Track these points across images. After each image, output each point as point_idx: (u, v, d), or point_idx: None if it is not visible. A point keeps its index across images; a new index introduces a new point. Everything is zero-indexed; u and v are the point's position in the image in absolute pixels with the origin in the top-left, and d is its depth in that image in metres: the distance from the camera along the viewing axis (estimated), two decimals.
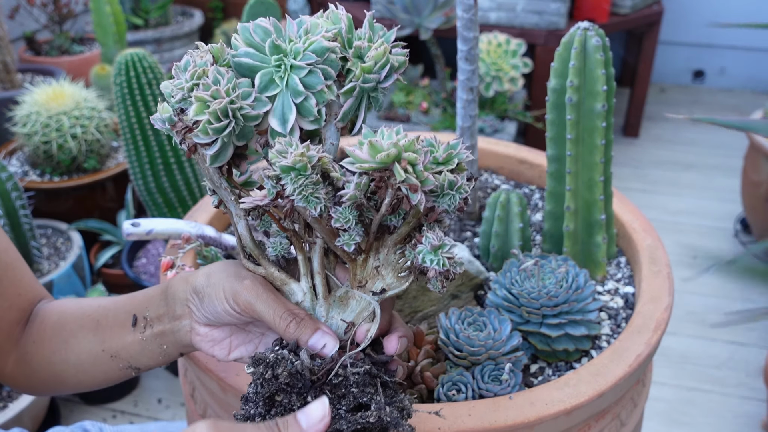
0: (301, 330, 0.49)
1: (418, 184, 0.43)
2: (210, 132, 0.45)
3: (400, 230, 0.48)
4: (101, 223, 1.76)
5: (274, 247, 0.51)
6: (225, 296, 0.50)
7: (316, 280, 0.51)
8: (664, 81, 3.51)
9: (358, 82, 0.47)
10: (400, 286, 0.49)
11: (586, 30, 0.75)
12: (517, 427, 0.59)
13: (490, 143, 1.05)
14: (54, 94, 1.69)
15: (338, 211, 0.45)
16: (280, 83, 0.46)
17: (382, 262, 0.49)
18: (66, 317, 0.64)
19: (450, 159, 0.46)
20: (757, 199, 1.99)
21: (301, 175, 0.44)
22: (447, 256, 0.46)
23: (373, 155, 0.43)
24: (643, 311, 0.71)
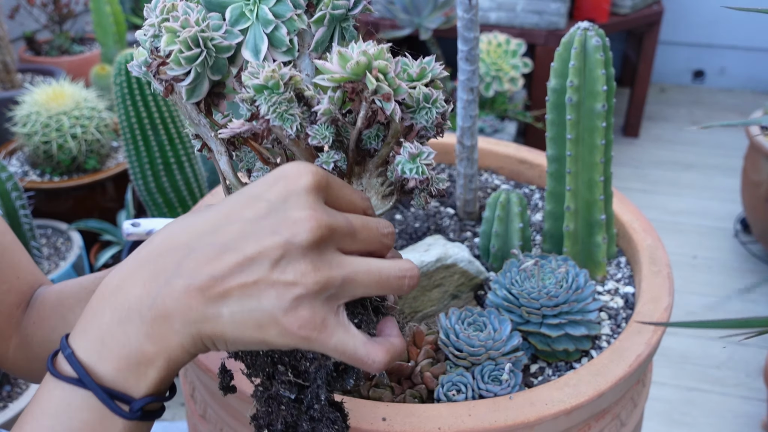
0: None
1: (391, 92, 0.44)
2: (182, 62, 0.45)
3: (380, 152, 0.48)
4: (101, 223, 1.76)
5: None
6: None
7: None
8: (664, 81, 3.51)
9: (327, 9, 0.47)
10: (384, 207, 0.50)
11: (586, 30, 0.75)
12: (517, 427, 0.59)
13: (490, 143, 1.05)
14: (54, 94, 1.69)
15: (314, 128, 0.45)
16: (251, 16, 0.47)
17: (365, 186, 0.50)
18: (65, 294, 0.64)
19: (424, 74, 0.46)
20: (757, 199, 1.99)
21: (274, 93, 0.44)
22: (425, 163, 0.46)
23: (343, 65, 0.43)
24: (643, 311, 0.71)
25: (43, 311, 0.64)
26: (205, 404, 0.72)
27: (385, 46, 0.44)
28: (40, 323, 0.63)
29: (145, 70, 0.48)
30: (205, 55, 0.46)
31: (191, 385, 0.76)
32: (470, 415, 0.59)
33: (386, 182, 0.49)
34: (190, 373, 0.75)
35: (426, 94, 0.45)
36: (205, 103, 0.50)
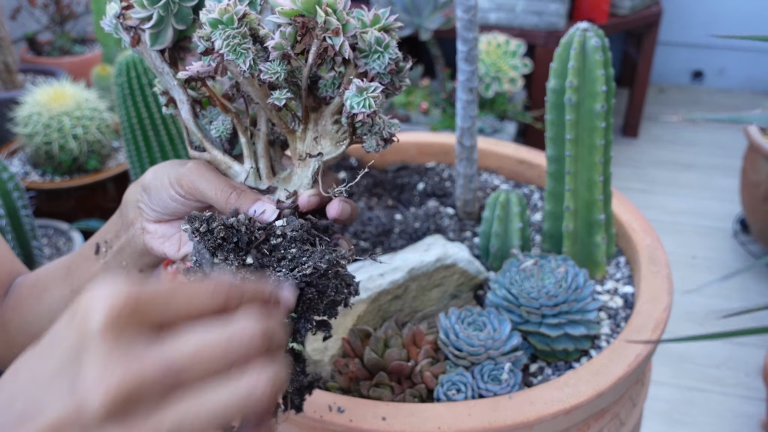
0: (241, 200, 0.49)
1: (339, 26, 0.44)
2: (146, 3, 0.46)
3: (335, 99, 0.49)
4: (102, 223, 1.76)
5: (217, 128, 0.52)
6: (170, 182, 0.51)
7: (260, 163, 0.52)
8: (664, 81, 3.51)
9: None
10: (336, 151, 0.50)
11: (586, 31, 0.75)
12: (516, 426, 0.59)
13: (489, 143, 1.06)
14: (55, 94, 1.70)
15: (267, 64, 0.46)
16: None
17: (321, 132, 0.50)
18: (41, 275, 0.64)
19: (377, 20, 0.46)
20: (756, 200, 2.00)
21: (228, 27, 0.45)
22: (372, 96, 0.46)
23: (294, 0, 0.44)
24: (642, 311, 0.72)
25: (20, 295, 0.64)
26: None
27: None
28: (17, 308, 0.64)
29: (114, 22, 0.49)
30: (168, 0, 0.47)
31: None
32: (470, 415, 0.59)
33: (341, 129, 0.50)
34: None
35: (378, 37, 0.46)
36: (169, 54, 0.51)
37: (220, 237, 0.46)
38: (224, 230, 0.46)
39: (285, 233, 0.47)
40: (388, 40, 0.46)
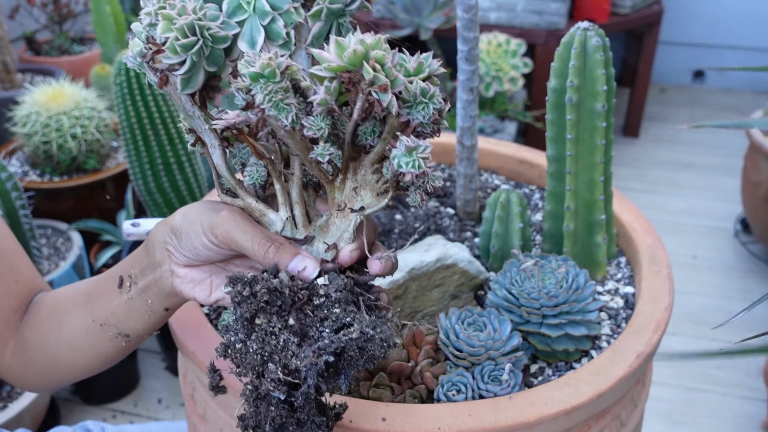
0: (280, 254, 0.47)
1: (388, 82, 0.43)
2: (178, 50, 0.45)
3: (376, 148, 0.47)
4: (101, 223, 1.76)
5: (251, 175, 0.51)
6: (203, 229, 0.50)
7: (296, 210, 0.50)
8: (664, 81, 3.51)
9: (324, 3, 0.47)
10: (379, 203, 0.49)
11: (586, 30, 0.75)
12: (517, 427, 0.59)
13: (490, 143, 1.05)
14: (54, 94, 1.69)
15: (310, 119, 0.45)
16: (248, 8, 0.46)
17: (360, 182, 0.49)
18: (61, 298, 0.64)
19: (421, 69, 0.45)
20: (757, 200, 1.99)
21: (270, 81, 0.43)
22: (422, 157, 0.45)
23: (340, 54, 0.43)
24: (643, 311, 0.71)
25: (40, 315, 0.63)
26: (205, 404, 0.72)
27: (382, 36, 0.44)
28: (36, 327, 0.63)
29: (140, 60, 0.48)
30: (201, 44, 0.45)
31: (191, 386, 0.76)
32: (470, 416, 0.59)
33: (381, 179, 0.49)
34: (190, 373, 0.74)
35: (423, 88, 0.45)
36: (199, 96, 0.50)
37: (263, 300, 0.45)
38: (268, 293, 0.45)
39: (329, 293, 0.46)
40: (433, 91, 0.45)
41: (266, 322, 0.45)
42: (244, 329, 0.45)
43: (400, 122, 0.45)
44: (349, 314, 0.45)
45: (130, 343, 0.59)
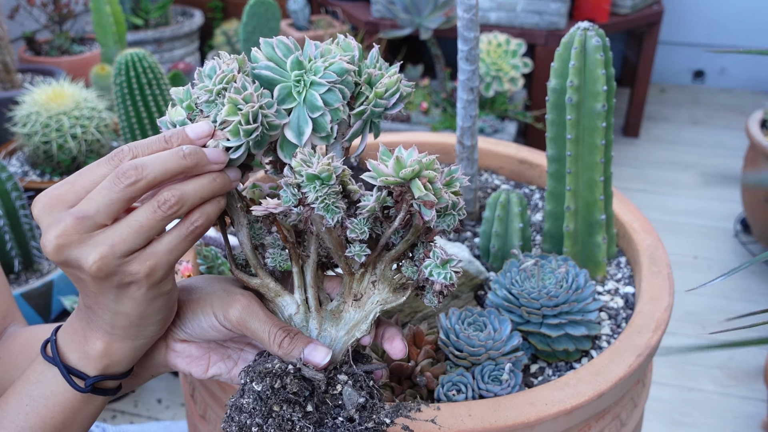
0: (294, 344, 0.49)
1: (435, 200, 0.45)
2: (241, 134, 0.46)
3: (398, 247, 0.50)
4: None
5: (274, 258, 0.52)
6: (214, 312, 0.49)
7: (309, 293, 0.52)
8: (664, 81, 3.51)
9: (369, 105, 0.49)
10: (396, 300, 0.51)
11: (586, 30, 0.75)
12: (517, 427, 0.59)
13: (490, 143, 1.05)
14: (54, 94, 1.69)
15: (354, 222, 0.47)
16: (298, 98, 0.48)
17: (379, 277, 0.51)
18: (38, 335, 0.63)
19: (452, 182, 0.48)
20: (757, 200, 1.99)
21: (325, 184, 0.45)
22: (454, 270, 0.48)
23: (397, 170, 0.45)
24: (643, 311, 0.71)
25: (12, 348, 0.63)
26: (205, 405, 0.72)
27: (435, 157, 0.46)
28: (6, 359, 0.62)
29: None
30: (260, 131, 0.47)
31: (191, 386, 0.76)
32: (470, 415, 0.59)
33: (399, 275, 0.51)
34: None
35: (455, 202, 0.47)
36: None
37: (292, 393, 0.47)
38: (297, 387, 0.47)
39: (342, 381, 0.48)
40: (462, 205, 0.48)
41: (285, 411, 0.47)
42: (262, 414, 0.47)
43: (424, 226, 0.48)
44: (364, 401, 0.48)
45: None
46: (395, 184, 0.46)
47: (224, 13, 3.18)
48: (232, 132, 0.46)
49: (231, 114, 0.46)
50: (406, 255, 0.50)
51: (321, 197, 0.45)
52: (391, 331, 0.52)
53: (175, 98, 0.50)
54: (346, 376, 0.49)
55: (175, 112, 0.49)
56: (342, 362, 0.51)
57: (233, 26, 2.82)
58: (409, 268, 0.50)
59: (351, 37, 0.51)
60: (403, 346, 0.51)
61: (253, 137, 0.46)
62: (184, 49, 2.84)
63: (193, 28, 2.85)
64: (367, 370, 0.50)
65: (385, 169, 0.45)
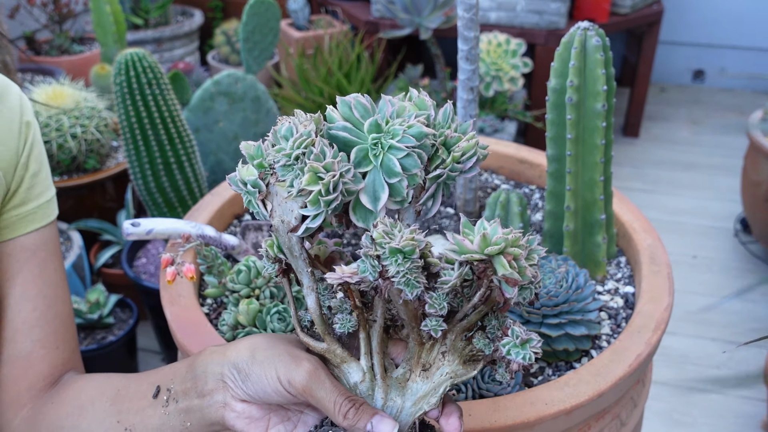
0: (359, 415, 0.47)
1: (520, 278, 0.44)
2: (321, 204, 0.45)
3: (470, 318, 0.48)
4: (101, 222, 1.76)
5: (343, 323, 0.50)
6: (279, 377, 0.48)
7: (375, 359, 0.50)
8: (664, 81, 3.51)
9: (446, 169, 0.48)
10: (467, 374, 0.49)
11: (586, 30, 0.75)
12: (517, 427, 0.59)
13: (490, 143, 1.05)
14: (54, 93, 1.69)
15: (433, 296, 0.45)
16: (375, 161, 0.47)
17: (449, 347, 0.49)
18: (89, 384, 0.62)
19: (531, 255, 0.46)
20: (757, 199, 1.99)
21: (408, 258, 0.43)
22: (534, 351, 0.46)
23: (482, 247, 0.43)
24: (643, 311, 0.71)
25: (65, 394, 0.62)
26: None
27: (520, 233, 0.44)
28: (57, 404, 0.62)
29: (252, 190, 0.48)
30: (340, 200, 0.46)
31: None
32: (470, 415, 0.59)
33: (469, 346, 0.49)
34: None
35: (534, 276, 0.46)
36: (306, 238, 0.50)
37: None
38: None
39: None
40: (540, 279, 0.46)
41: None
42: None
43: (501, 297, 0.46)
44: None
45: None
46: (478, 260, 0.44)
47: (224, 13, 3.18)
48: (312, 202, 0.45)
49: (311, 183, 0.45)
50: (477, 325, 0.49)
51: (403, 272, 0.43)
52: (450, 407, 0.50)
53: (245, 154, 0.48)
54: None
55: (247, 171, 0.48)
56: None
57: (233, 26, 2.82)
58: (481, 340, 0.48)
59: (425, 94, 0.49)
60: (459, 424, 0.49)
61: (332, 207, 0.45)
62: (184, 49, 2.84)
63: (193, 27, 2.85)
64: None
65: (469, 245, 0.44)
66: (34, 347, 0.64)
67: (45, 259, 0.66)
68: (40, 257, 0.66)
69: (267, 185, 0.48)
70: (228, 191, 0.95)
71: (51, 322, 0.65)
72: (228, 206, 0.93)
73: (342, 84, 2.21)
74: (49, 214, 0.68)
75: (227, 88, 1.68)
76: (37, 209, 0.67)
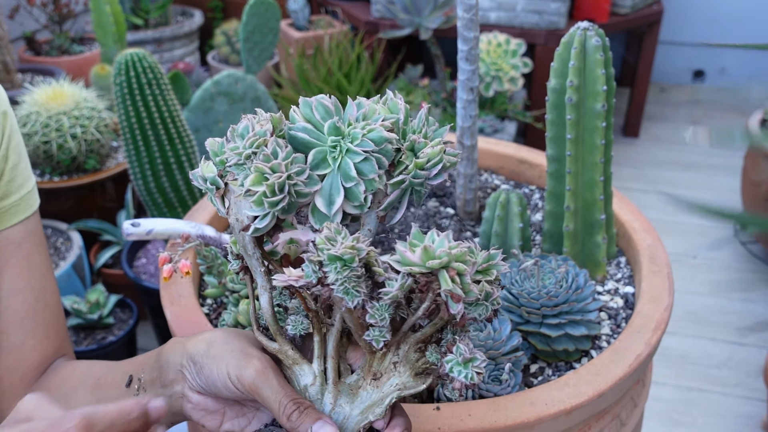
0: (302, 419, 0.47)
1: (463, 295, 0.43)
2: (265, 205, 0.45)
3: (425, 330, 0.47)
4: (101, 223, 1.76)
5: (295, 325, 0.50)
6: (228, 372, 0.49)
7: (328, 363, 0.50)
8: (664, 81, 3.51)
9: (408, 176, 0.47)
10: (416, 387, 0.48)
11: (586, 30, 0.75)
12: (517, 427, 0.59)
13: (490, 143, 1.05)
14: (54, 94, 1.69)
15: (375, 306, 0.45)
16: (333, 164, 0.46)
17: (401, 358, 0.48)
18: (74, 373, 0.63)
19: (489, 270, 0.45)
20: (757, 199, 1.99)
21: (347, 266, 0.43)
22: (477, 371, 0.45)
23: (424, 259, 0.42)
24: (643, 311, 0.71)
25: (50, 382, 0.63)
26: None
27: (466, 248, 0.43)
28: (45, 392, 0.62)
29: (211, 187, 0.48)
30: (287, 201, 0.45)
31: None
32: (470, 415, 0.59)
33: (423, 359, 0.48)
34: None
35: (488, 292, 0.45)
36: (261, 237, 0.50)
37: None
38: None
39: None
40: (496, 296, 0.45)
41: None
42: None
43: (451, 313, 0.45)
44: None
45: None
46: (421, 274, 0.43)
47: (224, 13, 3.18)
48: (257, 203, 0.45)
49: (256, 184, 0.44)
50: (434, 338, 0.48)
51: (341, 280, 0.43)
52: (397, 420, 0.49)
53: (209, 151, 0.48)
54: None
55: (207, 168, 0.48)
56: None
57: (233, 26, 2.82)
58: (434, 354, 0.47)
59: (400, 97, 0.48)
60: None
61: (278, 208, 0.45)
62: (184, 49, 2.84)
63: (193, 28, 2.85)
64: None
65: (411, 256, 0.43)
66: (26, 339, 0.65)
67: (31, 251, 0.66)
68: (26, 249, 0.65)
69: (226, 184, 0.48)
70: None
71: (41, 313, 0.65)
72: None
73: (342, 84, 2.21)
74: (32, 204, 0.67)
75: (227, 88, 1.68)
76: (20, 201, 0.66)
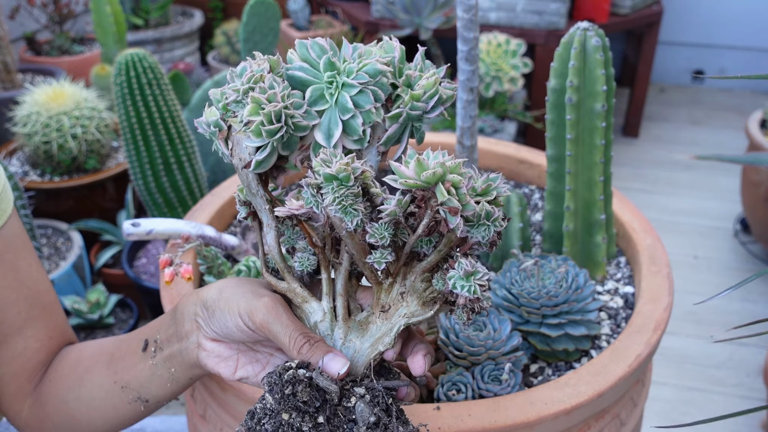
0: (312, 351, 0.48)
1: (459, 207, 0.43)
2: (263, 134, 0.45)
3: (430, 258, 0.47)
4: (101, 223, 1.76)
5: (301, 262, 0.50)
6: (239, 312, 0.49)
7: (338, 301, 0.50)
8: (664, 81, 3.51)
9: (405, 108, 0.47)
10: (424, 314, 0.48)
11: (586, 30, 0.75)
12: (517, 427, 0.59)
13: (490, 143, 1.05)
14: (54, 94, 1.69)
15: (374, 226, 0.45)
16: (330, 99, 0.47)
17: (408, 288, 0.49)
18: (84, 354, 0.63)
19: (488, 191, 0.45)
20: (756, 199, 1.99)
21: (343, 185, 0.43)
22: (479, 284, 0.45)
23: (418, 173, 0.43)
24: (642, 311, 0.71)
25: (61, 369, 0.63)
26: (205, 404, 0.72)
27: (461, 161, 0.44)
28: (56, 381, 0.62)
29: (214, 131, 0.48)
30: (285, 131, 0.45)
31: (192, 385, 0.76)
32: (470, 415, 0.59)
33: (430, 288, 0.48)
34: None
35: (488, 212, 0.45)
36: (264, 174, 0.50)
37: (302, 401, 0.45)
38: (308, 395, 0.45)
39: (360, 395, 0.46)
40: (497, 215, 0.45)
41: (295, 418, 0.45)
42: (272, 422, 0.45)
43: (458, 238, 0.45)
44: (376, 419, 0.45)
45: (148, 408, 0.59)
46: (417, 188, 0.43)
47: (224, 13, 3.18)
48: (254, 132, 0.45)
49: (253, 114, 0.45)
50: (439, 267, 0.48)
51: (338, 198, 0.43)
52: (419, 346, 0.50)
53: (212, 98, 0.49)
54: (365, 390, 0.47)
55: (210, 112, 0.48)
56: (364, 375, 0.48)
57: (233, 26, 2.82)
58: (440, 281, 0.47)
59: (395, 39, 0.49)
60: (424, 363, 0.49)
61: (277, 137, 0.45)
62: (184, 49, 2.84)
63: (193, 28, 2.85)
64: (388, 387, 0.48)
65: (406, 171, 0.43)
66: (28, 343, 0.64)
67: (14, 260, 0.63)
68: (8, 261, 0.63)
69: (229, 127, 0.48)
70: (228, 192, 0.95)
71: (39, 317, 0.65)
72: (228, 206, 0.93)
73: None
74: (4, 209, 0.63)
75: None
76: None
